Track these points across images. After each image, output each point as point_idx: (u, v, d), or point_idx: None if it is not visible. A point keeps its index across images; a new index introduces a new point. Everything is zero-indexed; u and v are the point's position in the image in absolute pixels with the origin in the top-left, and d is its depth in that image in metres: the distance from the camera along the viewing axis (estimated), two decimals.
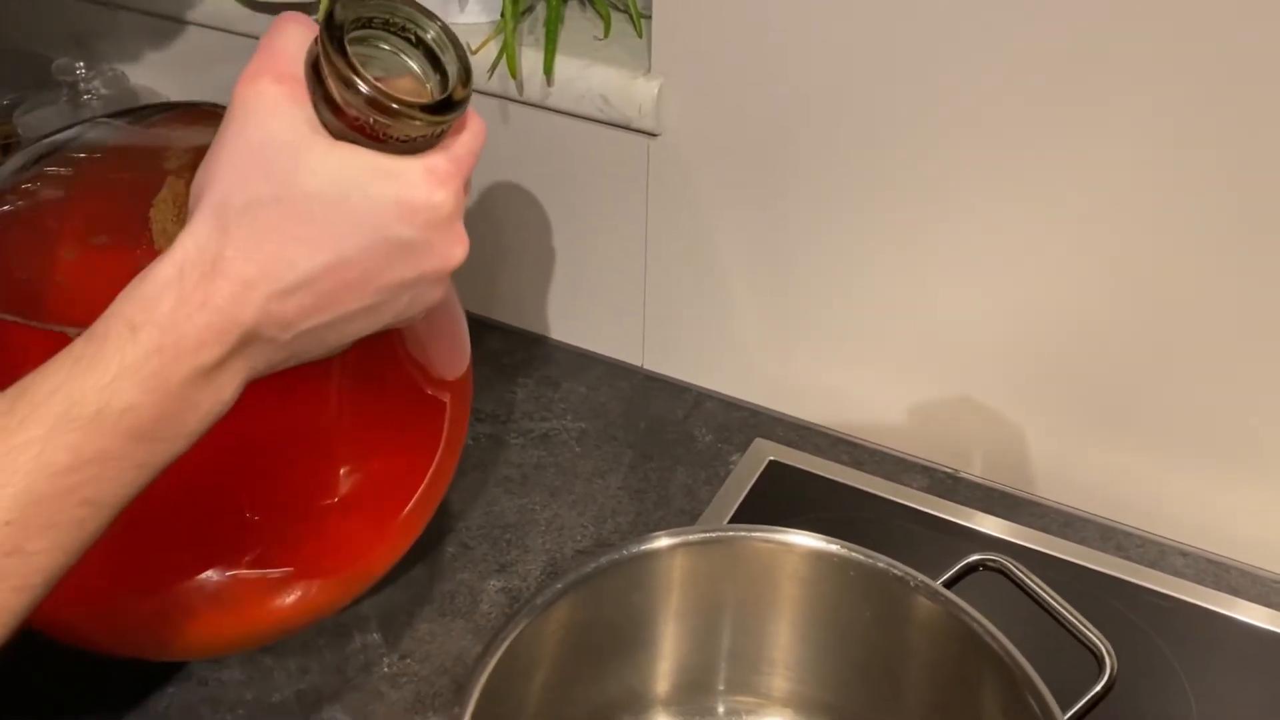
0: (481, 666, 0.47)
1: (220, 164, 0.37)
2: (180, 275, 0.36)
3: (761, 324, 0.78)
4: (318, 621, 0.60)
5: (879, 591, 0.51)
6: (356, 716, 0.59)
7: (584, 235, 0.80)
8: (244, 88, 0.38)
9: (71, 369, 0.35)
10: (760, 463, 0.75)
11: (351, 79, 0.37)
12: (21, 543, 0.33)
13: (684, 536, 0.52)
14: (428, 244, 0.39)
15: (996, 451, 0.74)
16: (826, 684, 0.55)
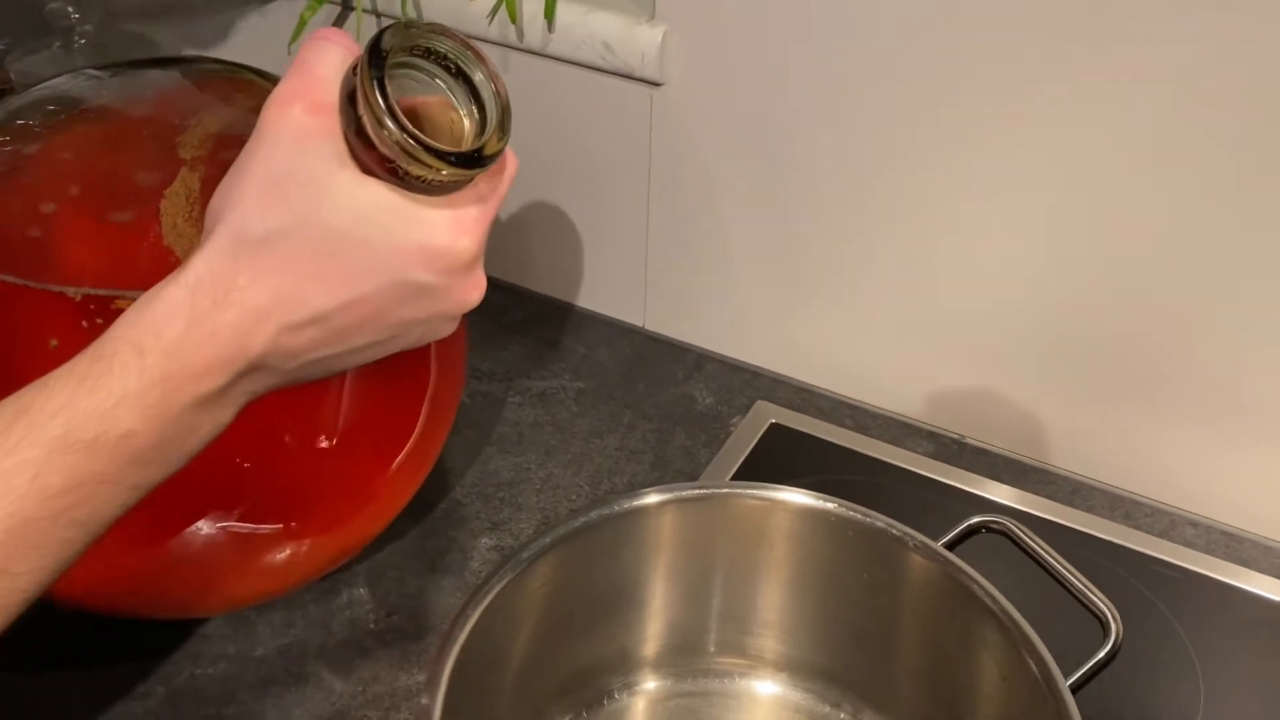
0: (463, 620, 0.45)
1: (242, 189, 0.36)
2: (191, 301, 0.35)
3: (765, 284, 0.76)
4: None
5: (876, 552, 0.50)
6: (340, 672, 0.58)
7: (584, 190, 0.78)
8: (275, 112, 0.36)
9: (75, 390, 0.34)
10: (761, 425, 0.73)
11: (387, 123, 0.35)
12: (6, 564, 0.33)
13: (675, 493, 0.51)
14: (445, 288, 0.38)
15: (1004, 418, 0.72)
16: (820, 647, 0.53)
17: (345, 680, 0.58)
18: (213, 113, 0.48)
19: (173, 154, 0.46)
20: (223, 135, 0.47)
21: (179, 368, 0.35)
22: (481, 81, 0.39)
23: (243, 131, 0.47)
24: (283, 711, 0.56)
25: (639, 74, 0.70)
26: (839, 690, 0.53)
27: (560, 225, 0.80)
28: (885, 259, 0.71)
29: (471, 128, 0.39)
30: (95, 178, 0.49)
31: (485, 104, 0.39)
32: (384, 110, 0.35)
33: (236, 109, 0.50)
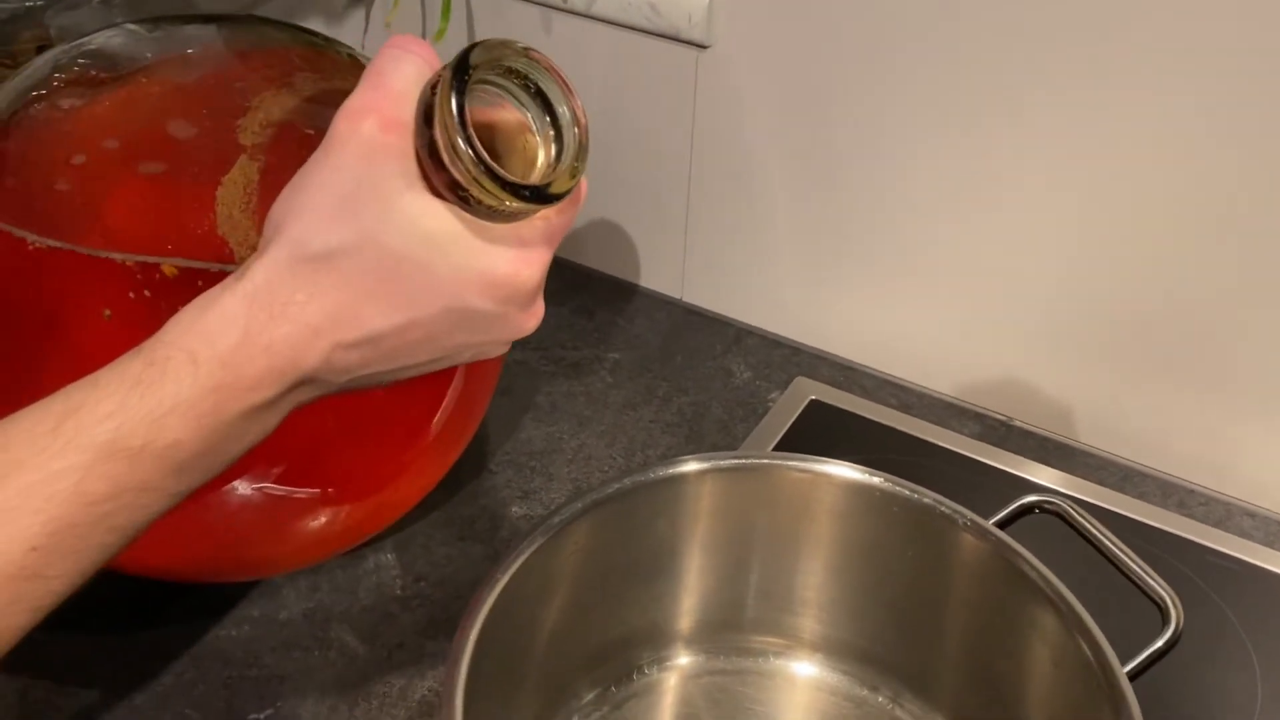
0: (491, 584, 0.44)
1: (305, 201, 0.35)
2: (247, 312, 0.34)
3: (808, 257, 0.73)
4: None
5: (923, 530, 0.48)
6: (364, 637, 0.57)
7: (625, 156, 0.76)
8: (345, 125, 0.35)
9: (127, 395, 0.33)
10: (801, 401, 0.71)
11: (461, 150, 0.34)
12: (43, 569, 0.33)
13: (714, 462, 0.49)
14: (502, 317, 0.38)
15: (1052, 400, 0.70)
16: (860, 628, 0.51)
17: (370, 646, 0.56)
18: (275, 97, 0.46)
19: (232, 137, 0.45)
20: (284, 124, 0.45)
21: (232, 379, 0.34)
22: (564, 114, 0.37)
23: (305, 124, 0.46)
24: (305, 675, 0.55)
25: (685, 36, 0.68)
26: (878, 674, 0.51)
27: (599, 193, 0.78)
28: (934, 234, 0.68)
29: (546, 157, 0.37)
30: (148, 148, 0.47)
31: (564, 136, 0.37)
32: (461, 139, 0.34)
33: (298, 93, 0.48)
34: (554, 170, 0.37)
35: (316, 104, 0.47)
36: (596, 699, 0.51)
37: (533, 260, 0.37)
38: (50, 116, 0.49)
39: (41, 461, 0.32)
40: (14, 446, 0.33)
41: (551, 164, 0.37)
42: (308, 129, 0.46)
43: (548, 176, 0.37)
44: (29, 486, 0.32)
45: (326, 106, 0.45)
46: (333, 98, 0.46)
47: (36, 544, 0.32)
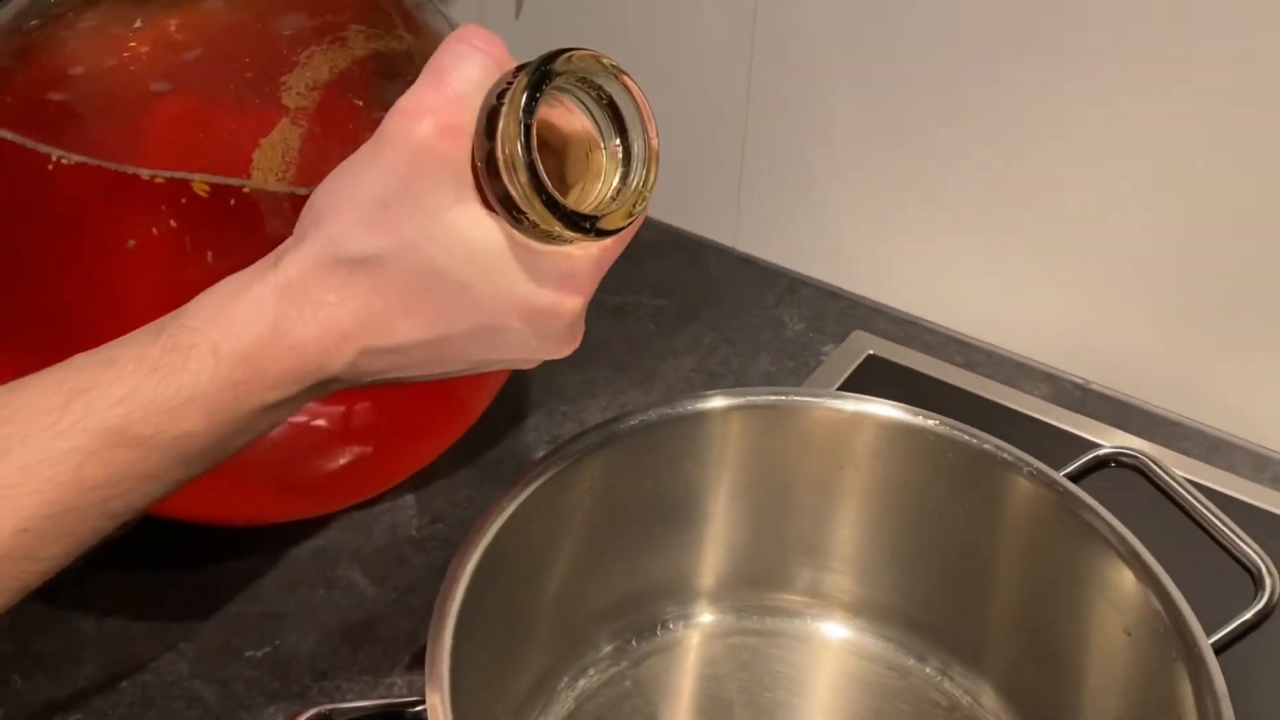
0: (497, 512, 0.40)
1: (348, 198, 0.33)
2: (276, 307, 0.33)
3: (870, 205, 0.69)
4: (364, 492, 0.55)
5: (981, 479, 0.43)
6: (374, 579, 0.53)
7: (678, 97, 0.71)
8: (399, 125, 0.33)
9: (142, 380, 0.32)
10: (857, 355, 0.66)
11: (523, 173, 0.32)
12: (33, 550, 0.31)
13: (745, 398, 0.44)
14: (540, 340, 0.36)
15: (1133, 361, 0.64)
16: (905, 589, 0.46)
17: (379, 587, 0.53)
18: (324, 54, 0.43)
19: (275, 95, 0.42)
20: (331, 86, 0.43)
21: (253, 375, 0.33)
22: (638, 148, 0.35)
23: (354, 93, 0.43)
24: (308, 614, 0.52)
25: None
26: (924, 641, 0.46)
27: None
28: (1005, 180, 0.63)
29: (607, 181, 0.35)
30: (185, 81, 0.44)
31: (632, 166, 0.34)
32: (524, 161, 0.31)
33: (350, 52, 0.44)
34: (614, 199, 0.34)
35: (368, 69, 0.44)
36: (614, 653, 0.47)
37: (579, 287, 0.35)
38: (77, 28, 0.46)
39: (45, 440, 0.31)
40: (19, 420, 0.31)
41: (614, 190, 0.35)
42: (357, 99, 0.43)
43: (606, 207, 0.34)
44: (30, 466, 0.31)
45: (378, 75, 0.43)
46: (386, 62, 0.43)
47: (28, 526, 0.31)
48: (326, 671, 0.49)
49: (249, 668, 0.49)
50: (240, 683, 0.49)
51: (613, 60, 0.34)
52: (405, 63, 0.45)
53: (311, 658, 0.50)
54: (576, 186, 0.35)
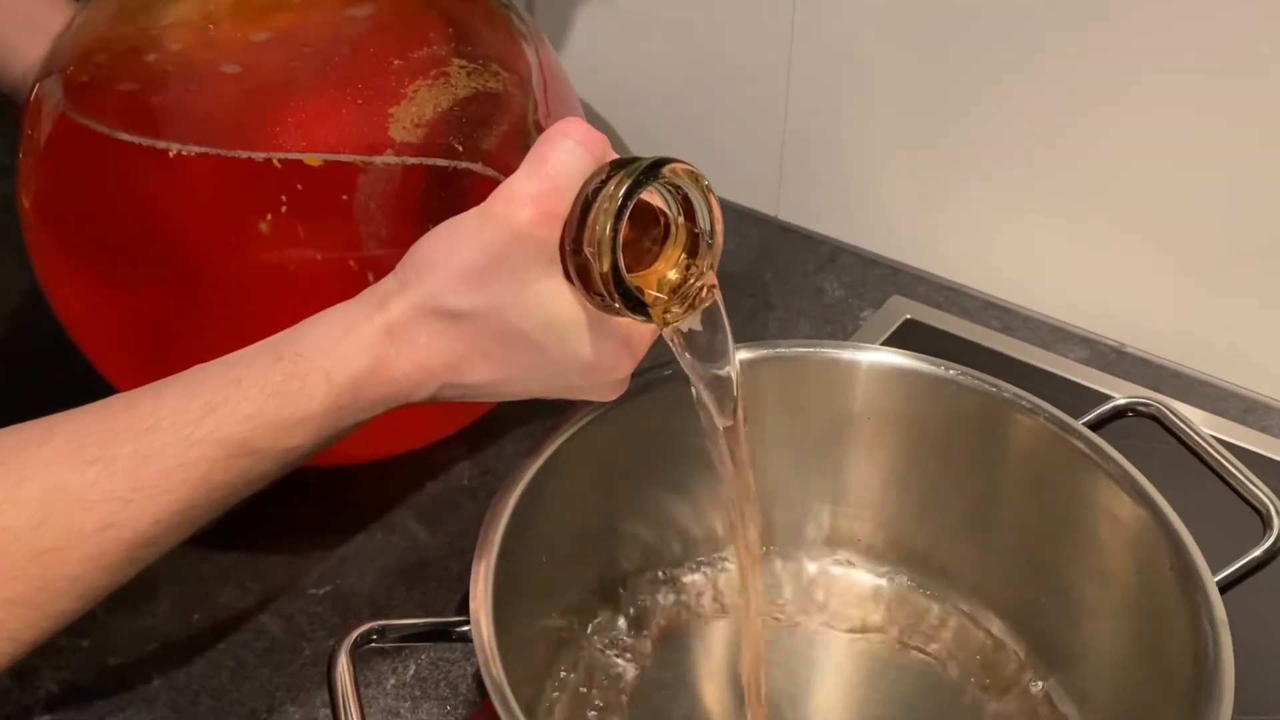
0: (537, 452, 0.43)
1: (450, 258, 0.38)
2: (381, 344, 0.38)
3: (911, 173, 0.70)
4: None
5: (999, 425, 0.44)
6: (429, 525, 0.57)
7: (720, 65, 0.73)
8: (504, 208, 0.38)
9: (265, 401, 0.37)
10: (895, 320, 0.67)
11: (606, 268, 0.37)
12: (160, 538, 0.37)
13: (767, 349, 0.46)
14: (592, 390, 0.42)
15: (1169, 325, 0.64)
16: (922, 533, 0.48)
17: (432, 532, 0.56)
18: (429, 90, 0.45)
19: (383, 124, 0.45)
20: (435, 125, 0.45)
21: (355, 400, 0.38)
22: (706, 241, 0.40)
23: (453, 135, 0.45)
24: (367, 556, 0.55)
25: None
26: (942, 582, 0.48)
27: (692, 102, 0.76)
28: (1044, 146, 0.64)
29: (671, 260, 0.40)
30: (294, 94, 0.46)
31: (698, 255, 0.40)
32: (609, 255, 0.36)
33: (453, 91, 0.46)
34: (675, 288, 0.39)
35: (469, 111, 0.47)
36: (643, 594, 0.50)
37: (636, 353, 0.41)
38: (181, 30, 0.48)
39: (182, 449, 0.36)
40: (161, 430, 0.36)
41: (680, 268, 0.40)
42: (456, 143, 0.46)
43: (665, 284, 0.39)
44: (168, 470, 0.36)
45: (478, 120, 0.46)
46: (486, 106, 0.46)
47: (161, 519, 0.36)
48: (383, 608, 0.53)
49: (311, 604, 0.53)
50: (304, 617, 0.52)
51: (702, 174, 0.39)
52: (503, 107, 0.47)
53: (370, 594, 0.53)
54: (644, 264, 0.40)
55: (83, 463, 0.35)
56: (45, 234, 0.50)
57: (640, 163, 0.37)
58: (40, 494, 0.35)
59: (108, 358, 0.52)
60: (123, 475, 0.36)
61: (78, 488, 0.35)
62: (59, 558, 0.35)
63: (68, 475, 0.35)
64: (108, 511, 0.35)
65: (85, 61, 0.48)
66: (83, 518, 0.35)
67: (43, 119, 0.48)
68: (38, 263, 0.51)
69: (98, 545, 0.36)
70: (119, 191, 0.46)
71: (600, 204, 0.37)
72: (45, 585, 0.35)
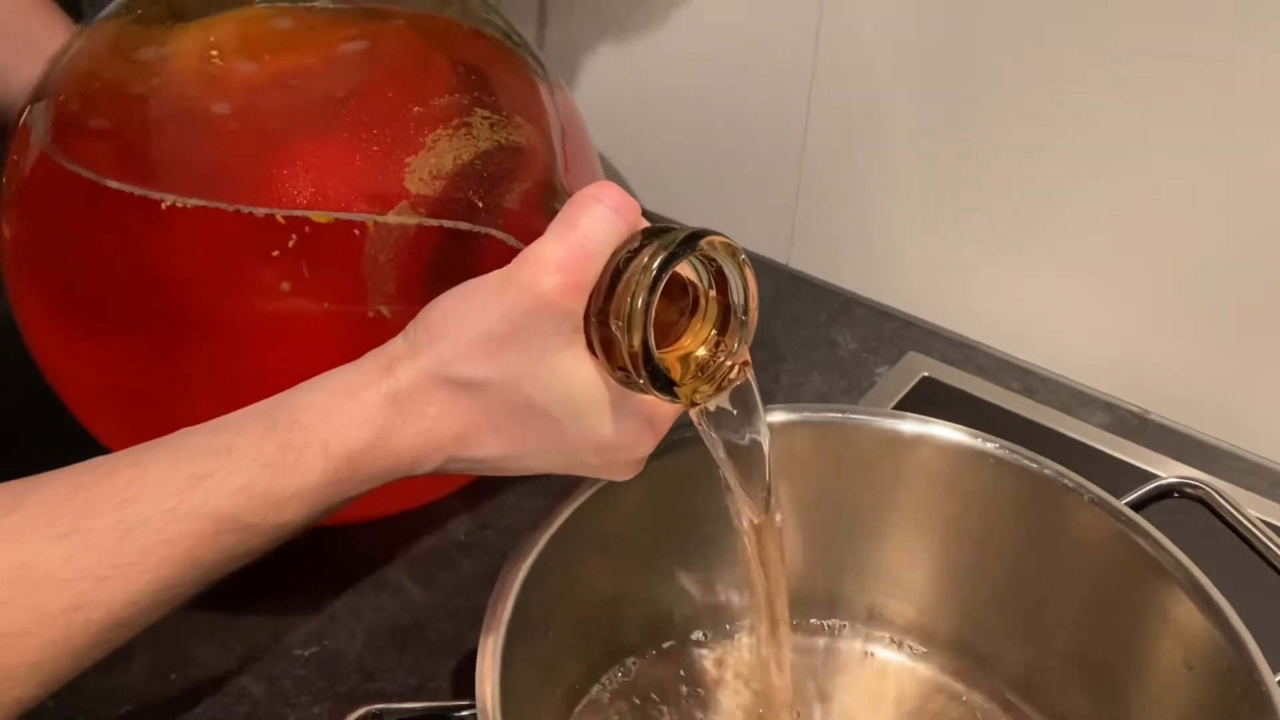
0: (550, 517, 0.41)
1: (465, 323, 0.36)
2: (385, 414, 0.35)
3: (929, 225, 0.68)
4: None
5: (1041, 506, 0.42)
6: (423, 583, 0.54)
7: (735, 108, 0.71)
8: (531, 274, 0.35)
9: (258, 474, 0.34)
10: (912, 377, 0.65)
11: (636, 344, 0.34)
12: (135, 619, 0.34)
13: (803, 413, 0.44)
14: (606, 469, 0.39)
15: (1196, 393, 0.62)
16: (959, 616, 0.45)
17: (426, 591, 0.53)
18: (449, 141, 0.42)
19: (399, 172, 0.42)
20: (453, 178, 0.42)
21: (354, 474, 0.35)
22: (739, 317, 0.37)
23: (473, 189, 0.42)
24: (356, 615, 0.52)
25: None
26: (976, 669, 0.46)
27: (704, 147, 0.74)
28: (1072, 202, 0.62)
29: (700, 335, 0.38)
30: (308, 138, 0.43)
31: (729, 330, 0.37)
32: (640, 338, 0.34)
33: (474, 143, 0.43)
34: (704, 366, 0.37)
35: (490, 165, 0.43)
36: (657, 667, 0.47)
37: (655, 435, 0.38)
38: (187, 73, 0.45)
39: (165, 523, 0.33)
40: (143, 500, 0.33)
41: (708, 344, 0.37)
42: (476, 199, 0.42)
43: (697, 381, 0.37)
44: (148, 547, 0.33)
45: (499, 176, 0.43)
46: (507, 160, 0.43)
47: (137, 599, 0.33)
48: (373, 672, 0.49)
49: (296, 666, 0.50)
50: (288, 680, 0.49)
51: (739, 247, 0.36)
52: (526, 162, 0.44)
53: (359, 658, 0.50)
54: (670, 339, 0.37)
55: (55, 536, 0.32)
56: (24, 272, 0.47)
57: (675, 233, 0.35)
58: (6, 570, 0.31)
59: (89, 409, 0.48)
60: (99, 551, 0.32)
61: (48, 564, 0.32)
62: (19, 644, 0.32)
63: (38, 549, 0.32)
64: (79, 591, 0.32)
65: (76, 95, 0.45)
66: (51, 597, 0.32)
67: (29, 150, 0.45)
68: (15, 300, 0.48)
69: (65, 628, 0.32)
70: (105, 240, 0.43)
71: (632, 275, 0.34)
72: (3, 673, 0.32)
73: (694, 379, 0.37)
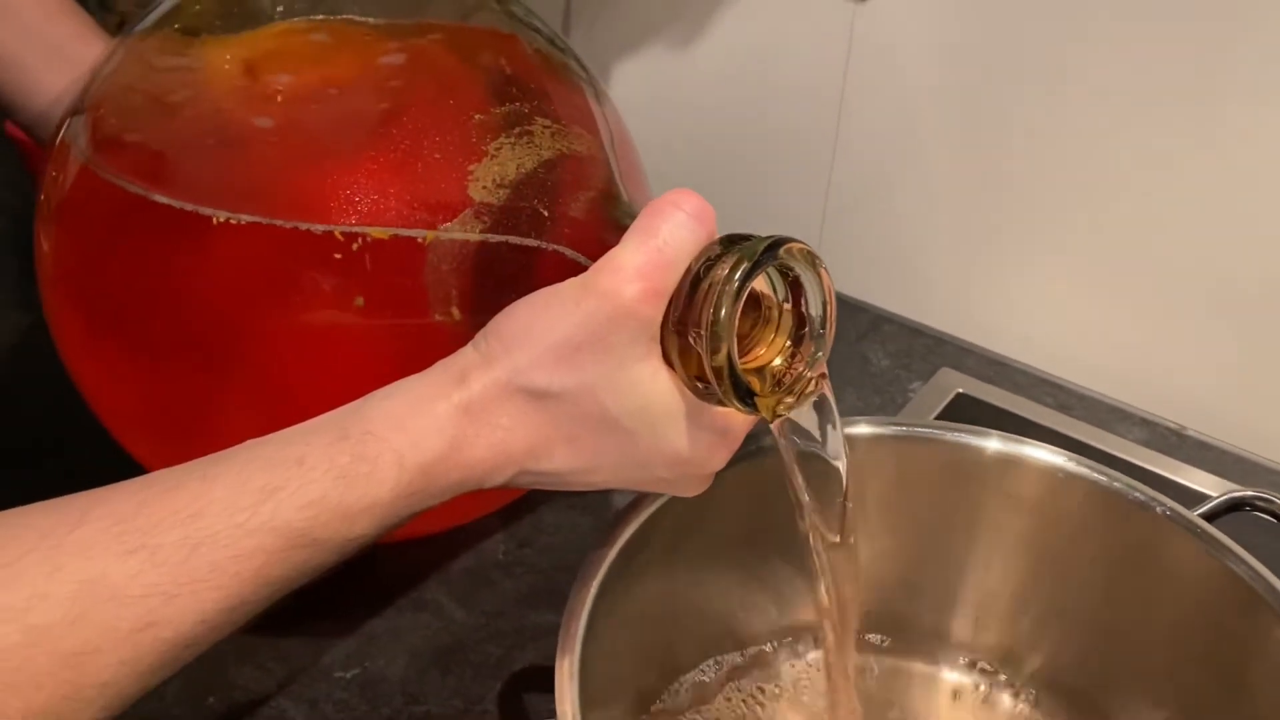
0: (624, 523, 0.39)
1: (541, 332, 0.34)
2: (458, 425, 0.34)
3: (961, 241, 0.67)
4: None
5: (1126, 530, 0.41)
6: (463, 602, 0.52)
7: (764, 122, 0.71)
8: (610, 281, 0.34)
9: (331, 486, 0.33)
10: (946, 393, 0.65)
11: (724, 356, 0.33)
12: (204, 638, 0.32)
13: (891, 427, 0.42)
14: (677, 485, 0.38)
15: (1233, 408, 0.62)
16: (1034, 640, 0.44)
17: (466, 611, 0.52)
18: (512, 150, 0.41)
19: (462, 182, 0.41)
20: (519, 187, 0.41)
21: (426, 486, 0.34)
22: (816, 354, 0.36)
23: (538, 199, 0.41)
24: (397, 636, 0.50)
25: None
26: (1058, 697, 0.44)
27: (733, 160, 0.73)
28: (1106, 218, 0.62)
29: (776, 345, 0.37)
30: (367, 149, 0.41)
31: (805, 340, 0.36)
32: (726, 349, 0.33)
33: (537, 152, 0.42)
34: (779, 378, 0.36)
35: (554, 175, 0.42)
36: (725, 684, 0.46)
37: (728, 449, 0.37)
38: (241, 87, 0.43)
39: (236, 539, 0.32)
40: (211, 515, 0.32)
41: (784, 355, 0.36)
42: (543, 208, 0.41)
43: (779, 393, 0.36)
44: (218, 563, 0.31)
45: (565, 185, 0.42)
46: (572, 170, 0.42)
47: (207, 617, 0.32)
48: (417, 695, 0.48)
49: (338, 688, 0.48)
50: (329, 704, 0.47)
51: (819, 255, 0.35)
52: (587, 171, 0.43)
53: (401, 680, 0.49)
54: (742, 350, 0.36)
55: (124, 551, 0.30)
56: (63, 287, 0.45)
57: (756, 241, 0.34)
58: (75, 586, 0.30)
59: (126, 428, 0.46)
60: (168, 566, 0.31)
61: (117, 580, 0.30)
62: (91, 661, 0.30)
63: (107, 565, 0.30)
64: (149, 608, 0.30)
65: (119, 108, 0.44)
66: (121, 614, 0.30)
67: (69, 163, 0.44)
68: (52, 315, 0.46)
69: (135, 647, 0.31)
70: (152, 256, 0.42)
71: (713, 284, 0.33)
72: (72, 693, 0.30)
73: (772, 391, 0.36)
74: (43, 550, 0.30)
